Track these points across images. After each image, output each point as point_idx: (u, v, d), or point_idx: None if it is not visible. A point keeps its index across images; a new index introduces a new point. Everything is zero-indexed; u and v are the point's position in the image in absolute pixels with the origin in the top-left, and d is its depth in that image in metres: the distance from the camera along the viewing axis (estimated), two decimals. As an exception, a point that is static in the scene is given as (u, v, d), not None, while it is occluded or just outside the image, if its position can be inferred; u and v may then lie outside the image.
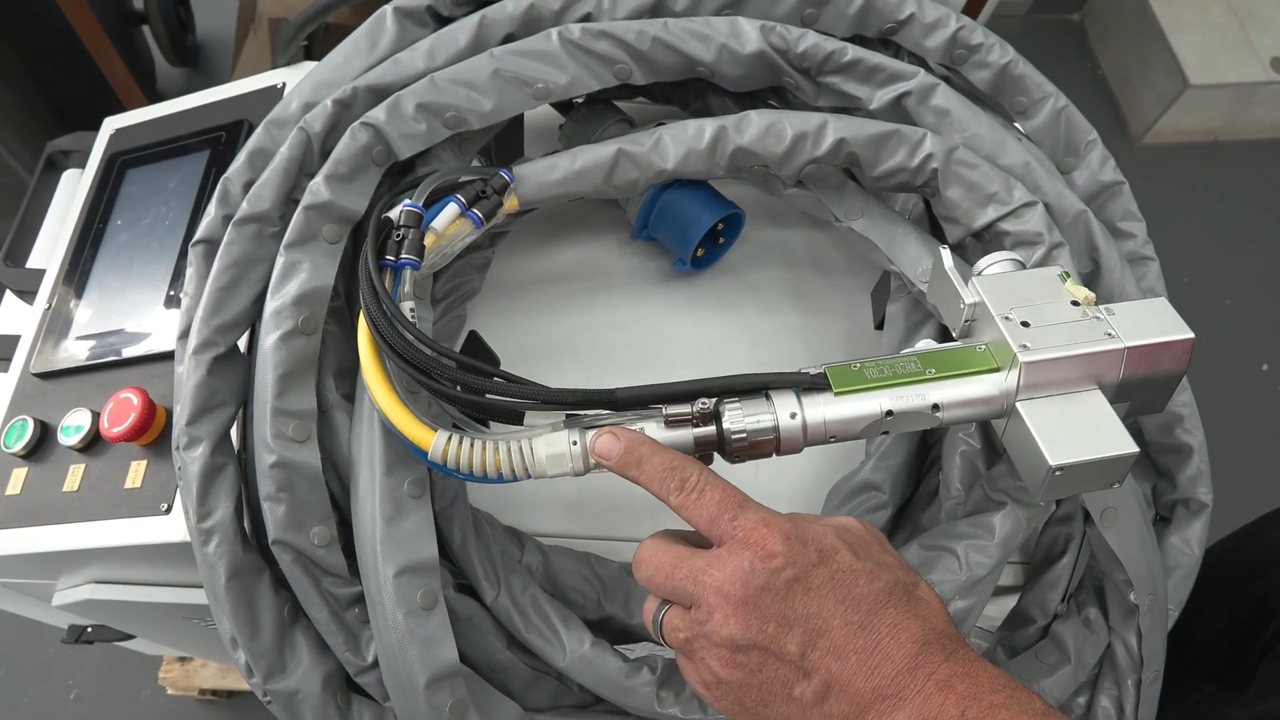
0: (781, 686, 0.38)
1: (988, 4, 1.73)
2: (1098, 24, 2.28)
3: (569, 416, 0.46)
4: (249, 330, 0.54)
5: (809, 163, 0.61)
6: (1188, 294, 1.80)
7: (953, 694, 0.35)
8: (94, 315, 0.68)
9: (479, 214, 0.56)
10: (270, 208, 0.53)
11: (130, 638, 0.87)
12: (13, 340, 0.69)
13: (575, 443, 0.44)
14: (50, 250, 0.75)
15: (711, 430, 0.44)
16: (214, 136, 0.75)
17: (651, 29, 0.60)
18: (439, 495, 0.52)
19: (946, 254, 0.50)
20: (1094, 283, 0.60)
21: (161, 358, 0.63)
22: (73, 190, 0.80)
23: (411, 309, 0.49)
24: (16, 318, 0.74)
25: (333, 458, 0.52)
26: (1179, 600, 0.61)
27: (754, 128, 0.60)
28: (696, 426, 0.44)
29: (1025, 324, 0.45)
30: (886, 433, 0.47)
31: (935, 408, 0.45)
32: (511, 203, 0.59)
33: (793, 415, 0.44)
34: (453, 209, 0.54)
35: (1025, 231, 0.57)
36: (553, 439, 0.44)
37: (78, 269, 0.72)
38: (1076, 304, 0.46)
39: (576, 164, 0.60)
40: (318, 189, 0.53)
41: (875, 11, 0.63)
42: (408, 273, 0.51)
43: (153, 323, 0.66)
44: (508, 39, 0.60)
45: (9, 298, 0.77)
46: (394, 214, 0.53)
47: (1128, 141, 2.12)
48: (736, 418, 0.44)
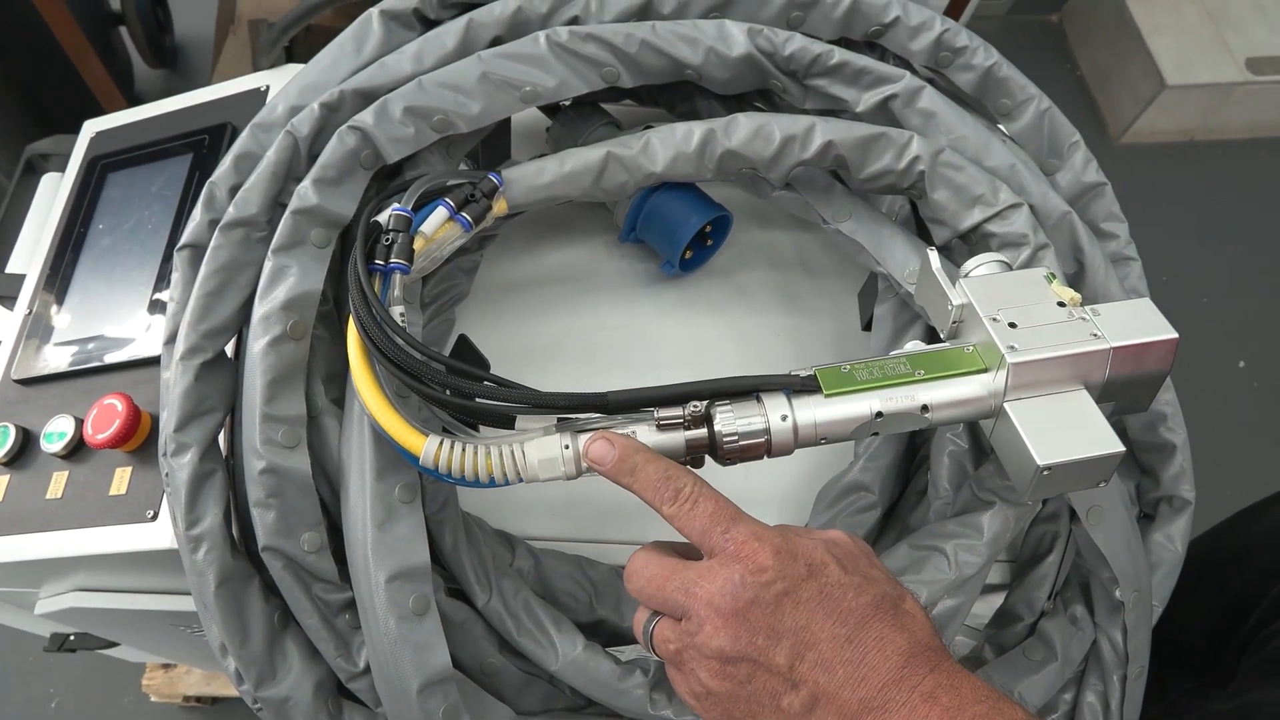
0: (770, 698, 0.38)
1: (968, 5, 1.75)
2: (1076, 25, 2.31)
3: (560, 420, 0.46)
4: (236, 336, 0.54)
5: (797, 165, 0.61)
6: (1165, 293, 1.82)
7: (937, 705, 0.36)
8: (76, 320, 0.67)
9: (468, 217, 0.55)
10: (257, 212, 0.53)
11: (114, 645, 0.86)
12: (-8, 346, 0.69)
13: (567, 447, 0.44)
14: (30, 255, 0.75)
15: (703, 433, 0.45)
16: (197, 140, 0.74)
17: (639, 32, 0.60)
18: (429, 500, 0.52)
19: (934, 256, 0.51)
20: (1079, 283, 0.61)
21: (146, 363, 0.63)
22: (52, 194, 0.79)
23: (401, 313, 0.49)
24: (-4, 323, 0.73)
25: (322, 463, 0.51)
26: (1163, 596, 0.62)
27: (742, 130, 0.60)
28: (688, 429, 0.44)
29: (1012, 325, 0.45)
30: (876, 434, 0.47)
31: (924, 409, 0.45)
32: (500, 206, 0.59)
33: (784, 417, 0.44)
34: (442, 213, 0.54)
35: (1011, 233, 0.57)
36: (544, 443, 0.44)
37: (59, 274, 0.71)
38: (1062, 305, 0.47)
39: (565, 167, 0.60)
40: (305, 193, 0.52)
41: (861, 15, 0.63)
42: (397, 277, 0.50)
43: (136, 328, 0.65)
44: (495, 42, 0.60)
45: (-12, 303, 0.76)
46: (383, 218, 0.52)
47: (1106, 141, 2.14)
48: (728, 420, 0.44)
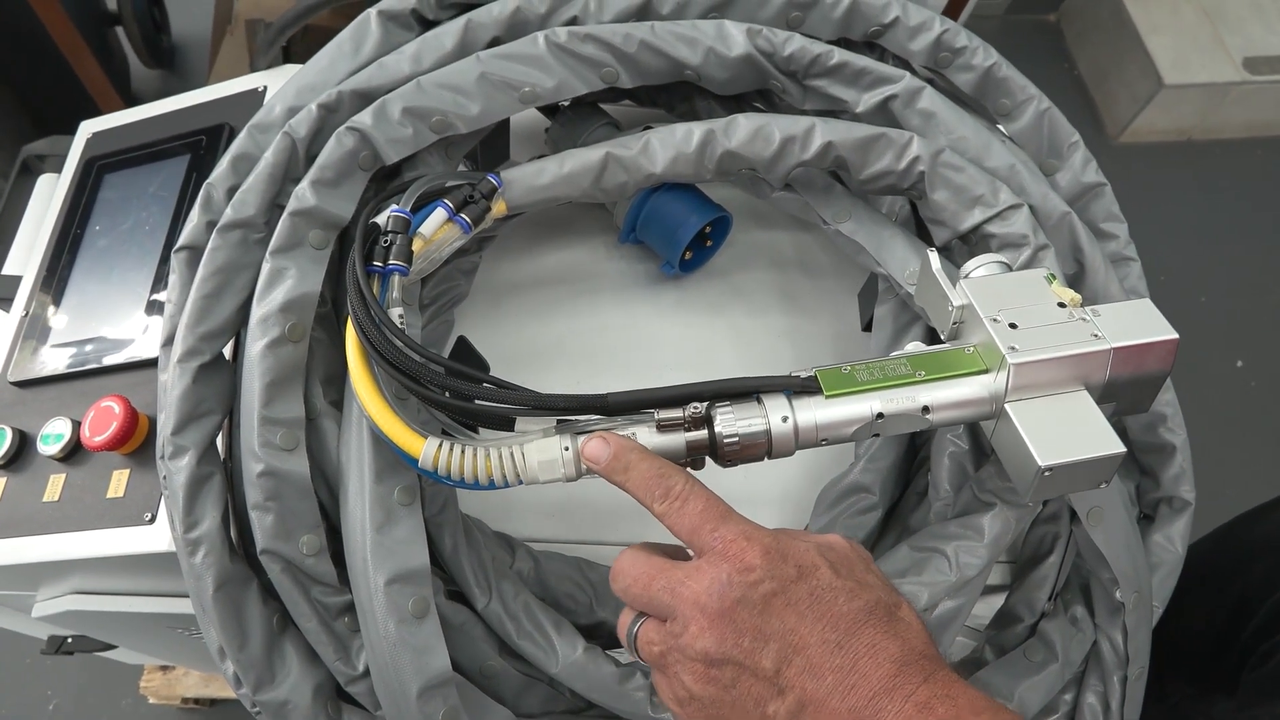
0: (755, 704, 0.37)
1: (966, 5, 1.75)
2: (1074, 25, 2.31)
3: (560, 422, 0.46)
4: (234, 338, 0.53)
5: (797, 166, 0.61)
6: (1163, 292, 1.82)
7: (932, 716, 0.34)
8: (73, 322, 0.67)
9: (467, 219, 0.55)
10: (255, 213, 0.53)
11: (111, 648, 0.86)
12: (-11, 348, 0.68)
13: (567, 448, 0.44)
14: (26, 256, 0.74)
15: (703, 434, 0.44)
16: (194, 141, 0.74)
17: (638, 32, 0.59)
18: (429, 502, 0.52)
19: (934, 256, 0.50)
20: (1079, 284, 0.60)
21: (143, 365, 0.62)
22: (49, 195, 0.79)
23: (400, 315, 0.49)
24: (-8, 325, 0.73)
25: (321, 466, 0.51)
26: (1163, 597, 0.62)
27: (742, 131, 0.60)
28: (688, 431, 0.44)
29: (1013, 326, 0.45)
30: (877, 435, 0.47)
31: (925, 410, 0.45)
32: (499, 207, 0.59)
33: (784, 418, 0.44)
34: (440, 214, 0.54)
35: (1011, 234, 0.57)
36: (544, 445, 0.44)
37: (55, 275, 0.70)
38: (1063, 305, 0.47)
39: (565, 168, 0.60)
40: (303, 194, 0.52)
41: (860, 15, 0.63)
42: (396, 278, 0.50)
43: (133, 330, 0.65)
44: (494, 42, 0.59)
45: (-16, 305, 0.75)
46: (381, 219, 0.52)
47: (1104, 141, 2.14)
48: (729, 422, 0.44)
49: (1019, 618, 0.61)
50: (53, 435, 0.60)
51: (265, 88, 0.75)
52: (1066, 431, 0.43)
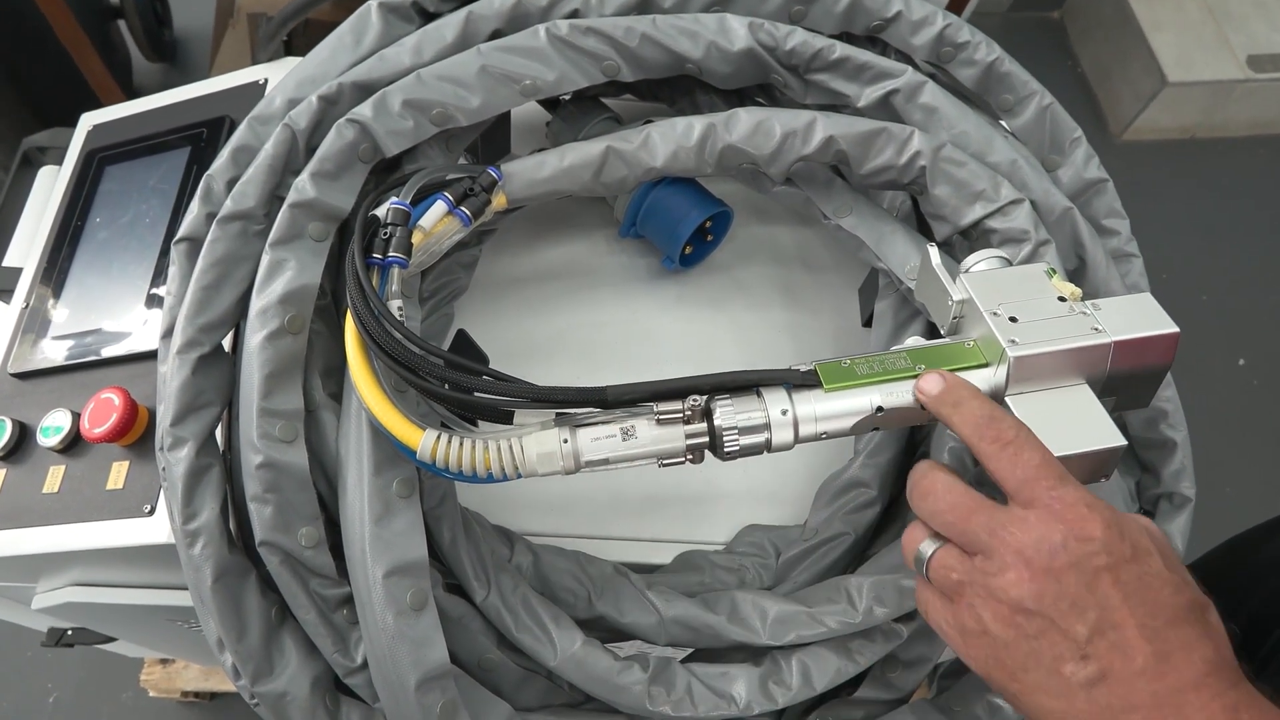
0: (1052, 660, 0.37)
1: (969, 2, 1.74)
2: (1077, 22, 2.30)
3: (559, 415, 0.45)
4: (234, 329, 0.53)
5: (797, 160, 0.61)
6: (1166, 290, 1.82)
7: None
8: (73, 314, 0.67)
9: (467, 212, 0.55)
10: (255, 205, 0.53)
11: (111, 640, 0.86)
12: (-11, 340, 0.68)
13: (566, 441, 0.44)
14: (27, 248, 0.74)
15: (703, 428, 0.44)
16: (195, 133, 0.74)
17: (640, 25, 0.59)
18: (428, 495, 0.52)
19: (934, 251, 0.50)
20: (1080, 279, 0.60)
21: (143, 357, 0.62)
22: (49, 187, 0.79)
23: (399, 308, 0.49)
24: (-7, 317, 0.73)
25: (320, 458, 0.51)
26: (1163, 593, 0.62)
27: (743, 125, 0.60)
28: (688, 424, 0.44)
29: (1013, 319, 0.45)
30: (877, 429, 0.47)
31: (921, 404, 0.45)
32: (500, 200, 0.59)
33: (784, 412, 0.44)
34: (440, 207, 0.54)
35: (1012, 229, 0.57)
36: (543, 437, 0.44)
37: (56, 267, 0.70)
38: (1063, 300, 0.46)
39: (565, 161, 0.60)
40: (303, 186, 0.52)
41: (862, 9, 0.63)
42: (395, 271, 0.50)
43: (133, 322, 0.65)
44: (495, 35, 0.59)
45: (-15, 297, 0.76)
46: (381, 212, 0.52)
47: (1107, 139, 2.14)
48: (728, 415, 0.44)
49: (1018, 613, 0.61)
50: (52, 427, 0.60)
51: (266, 80, 0.75)
52: (1067, 425, 0.43)
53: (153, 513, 0.56)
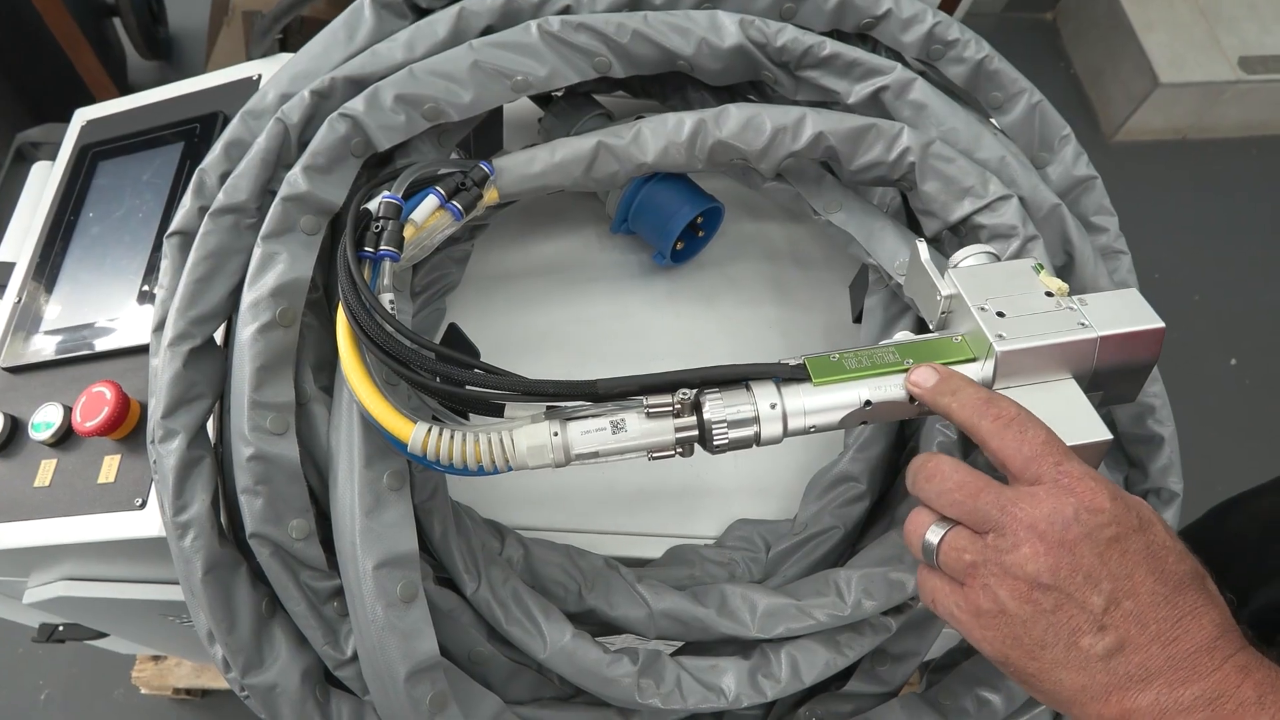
0: (1070, 633, 0.37)
1: (962, 2, 1.75)
2: (1070, 23, 2.31)
3: (549, 408, 0.46)
4: (225, 322, 0.53)
5: (788, 156, 0.61)
6: (1157, 290, 1.83)
7: (1250, 678, 0.36)
8: (65, 309, 0.67)
9: (458, 206, 0.55)
10: (247, 199, 0.53)
11: (103, 636, 0.86)
12: (-19, 334, 0.68)
13: (556, 434, 0.44)
14: (20, 243, 0.74)
15: (692, 421, 0.45)
16: (188, 128, 0.74)
17: (631, 22, 0.60)
18: (418, 488, 0.52)
19: (923, 247, 0.51)
20: (1068, 275, 0.61)
21: (135, 351, 0.62)
22: (43, 182, 0.79)
23: (391, 301, 0.49)
24: (-15, 312, 0.73)
25: (311, 450, 0.51)
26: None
27: (733, 121, 0.60)
28: (677, 417, 0.44)
29: (1001, 314, 0.46)
30: (865, 423, 0.47)
31: (913, 398, 0.45)
32: (491, 195, 0.59)
33: (773, 405, 0.44)
34: (432, 201, 0.54)
35: (1000, 225, 0.57)
36: (533, 430, 0.44)
37: (48, 262, 0.70)
38: (1050, 295, 0.47)
39: (556, 156, 0.60)
40: (295, 180, 0.52)
41: (853, 6, 0.63)
42: (387, 264, 0.50)
43: (125, 316, 0.65)
44: (487, 31, 0.60)
45: (-23, 292, 0.75)
46: (373, 205, 0.52)
47: (1099, 139, 2.15)
48: (717, 408, 0.44)
49: (1007, 608, 0.62)
50: (44, 422, 0.60)
51: (260, 76, 0.75)
52: (1054, 419, 0.43)
53: (144, 506, 0.56)
